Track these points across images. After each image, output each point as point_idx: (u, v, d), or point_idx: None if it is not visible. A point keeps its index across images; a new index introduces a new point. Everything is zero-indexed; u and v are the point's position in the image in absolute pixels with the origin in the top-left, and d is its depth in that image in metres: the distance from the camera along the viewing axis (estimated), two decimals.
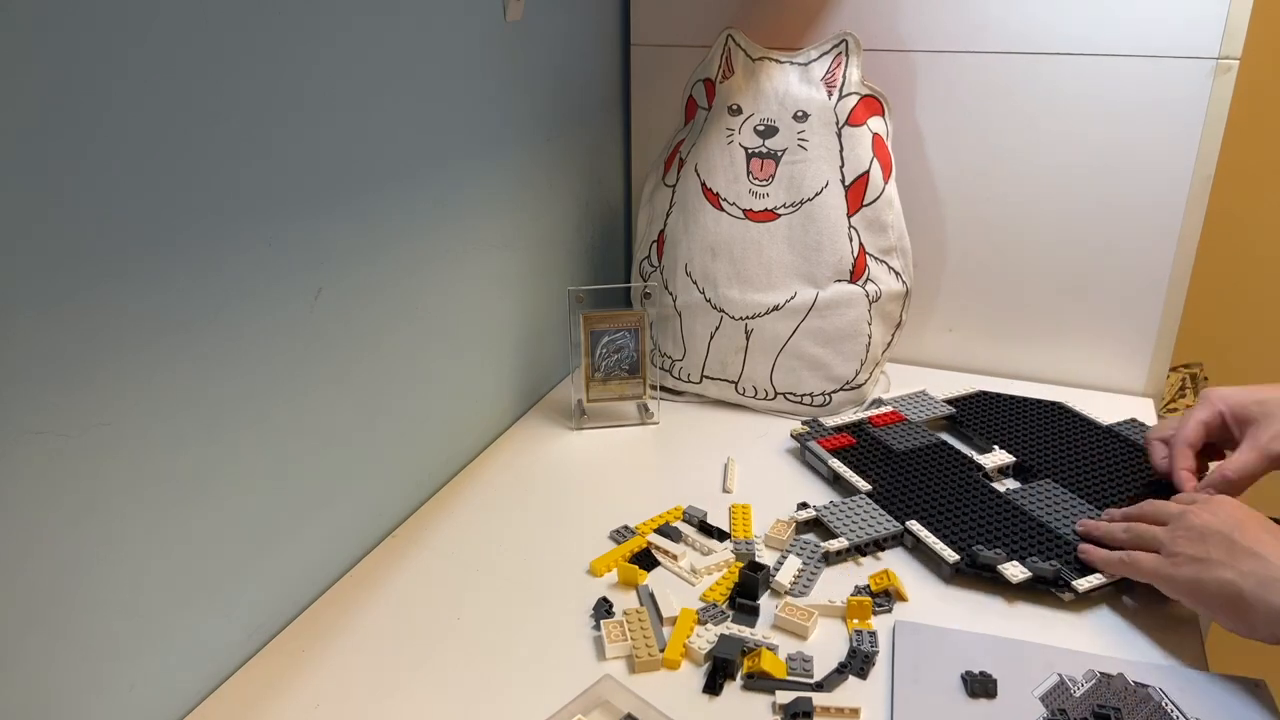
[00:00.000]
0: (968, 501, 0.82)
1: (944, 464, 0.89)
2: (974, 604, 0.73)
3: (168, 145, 0.55)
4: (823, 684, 0.64)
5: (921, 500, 0.83)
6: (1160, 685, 0.63)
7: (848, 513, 0.82)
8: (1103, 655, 0.66)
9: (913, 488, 0.85)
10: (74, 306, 0.51)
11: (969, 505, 0.82)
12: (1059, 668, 0.65)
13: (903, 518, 0.80)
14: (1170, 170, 0.98)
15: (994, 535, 0.78)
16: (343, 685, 0.65)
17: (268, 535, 0.68)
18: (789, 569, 0.75)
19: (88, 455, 0.53)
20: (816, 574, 0.76)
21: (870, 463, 0.89)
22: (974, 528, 0.79)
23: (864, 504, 0.83)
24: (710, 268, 1.02)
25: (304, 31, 0.65)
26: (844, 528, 0.79)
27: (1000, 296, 1.10)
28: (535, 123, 0.99)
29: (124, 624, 0.57)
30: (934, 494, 0.84)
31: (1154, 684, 0.63)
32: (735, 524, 0.83)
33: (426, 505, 0.87)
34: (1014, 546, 0.76)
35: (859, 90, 1.00)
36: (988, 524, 0.79)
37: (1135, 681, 0.63)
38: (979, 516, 0.80)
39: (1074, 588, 0.71)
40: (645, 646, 0.67)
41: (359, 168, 0.73)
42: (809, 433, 0.95)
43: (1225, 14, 0.92)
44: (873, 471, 0.88)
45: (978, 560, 0.74)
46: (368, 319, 0.76)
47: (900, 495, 0.84)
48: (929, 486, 0.85)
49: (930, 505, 0.82)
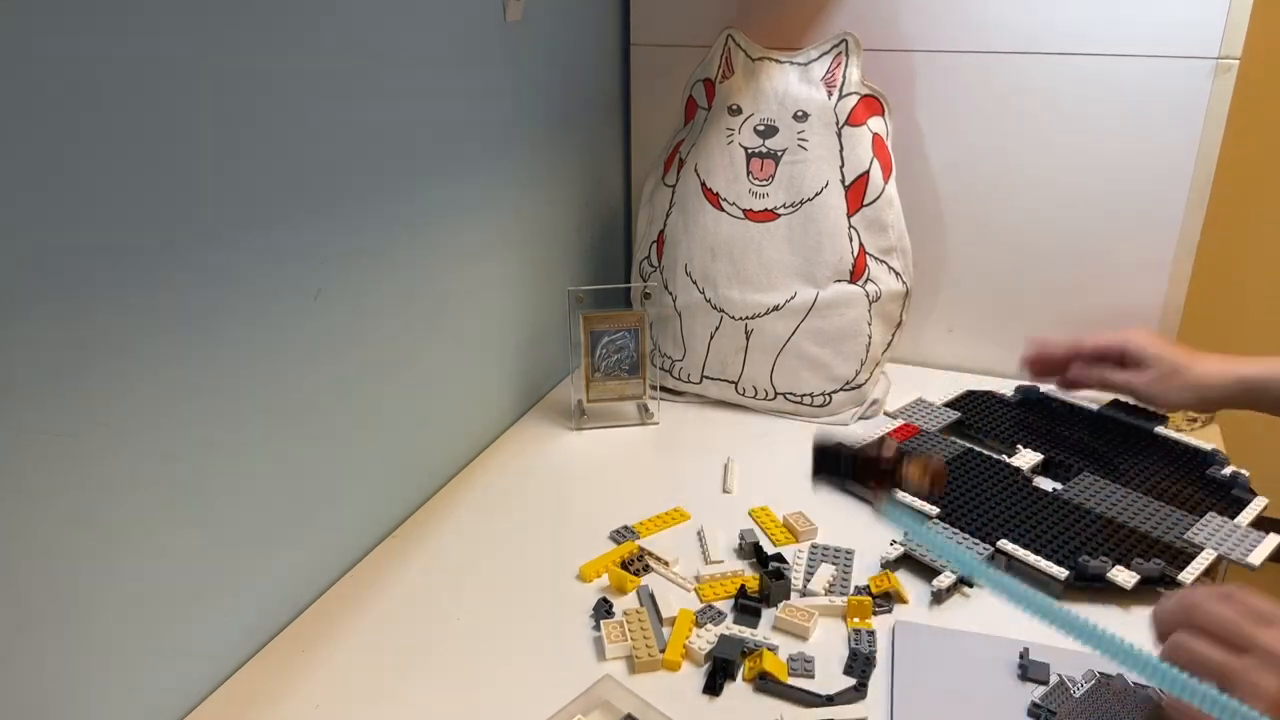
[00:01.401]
0: (1035, 510, 0.81)
1: (986, 472, 0.87)
2: (978, 602, 0.73)
3: (167, 145, 0.55)
4: (834, 698, 0.63)
5: (995, 516, 0.81)
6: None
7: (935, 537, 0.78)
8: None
9: (977, 504, 0.83)
10: (74, 307, 0.51)
11: (1039, 513, 0.80)
12: (1059, 668, 0.65)
13: (988, 538, 0.77)
14: (1170, 170, 0.98)
15: (1081, 542, 0.77)
16: (343, 685, 0.65)
17: (268, 535, 0.68)
18: (821, 576, 0.74)
19: (87, 455, 0.53)
20: (849, 580, 0.75)
21: None
22: (1059, 537, 0.77)
23: (943, 531, 0.79)
24: (710, 268, 1.02)
25: (304, 31, 0.65)
26: (940, 561, 0.75)
27: (1000, 296, 1.10)
28: (535, 123, 0.99)
29: (124, 624, 0.57)
30: (999, 507, 0.82)
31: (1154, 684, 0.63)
32: (773, 534, 0.81)
33: (426, 505, 0.87)
34: (1101, 550, 0.75)
35: (859, 90, 1.00)
36: (1069, 531, 0.78)
37: (1135, 682, 0.63)
38: (1056, 524, 0.79)
39: (1179, 582, 0.72)
40: (645, 646, 0.67)
41: (359, 168, 0.73)
42: None
43: (1225, 14, 0.92)
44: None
45: (1088, 572, 0.72)
46: (367, 319, 0.76)
47: (970, 514, 0.81)
48: (988, 499, 0.83)
49: (1004, 520, 0.80)
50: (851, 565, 0.77)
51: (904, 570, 0.77)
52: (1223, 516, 0.80)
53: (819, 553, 0.78)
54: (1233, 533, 0.78)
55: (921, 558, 0.76)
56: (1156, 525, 0.79)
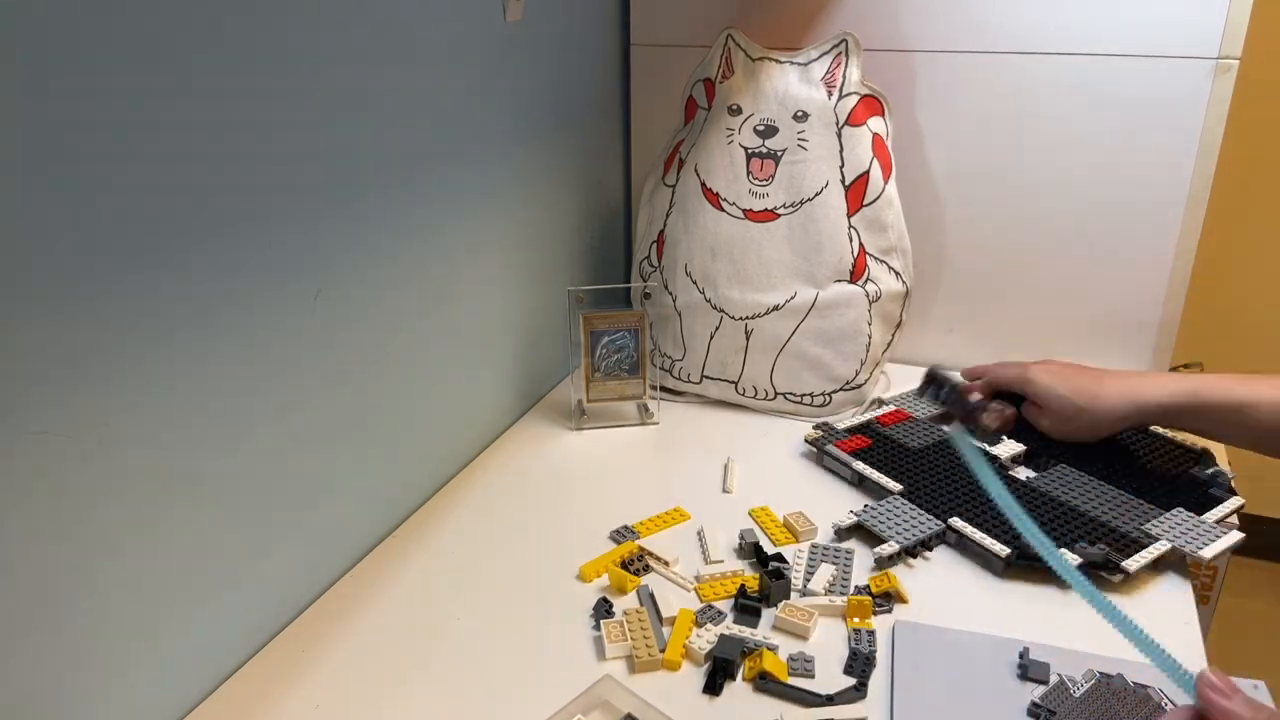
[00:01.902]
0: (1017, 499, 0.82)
1: (960, 457, 0.88)
2: (978, 602, 0.73)
3: (167, 146, 0.55)
4: (834, 698, 0.63)
5: (954, 496, 0.83)
6: (1160, 686, 0.63)
7: (888, 516, 0.81)
8: (1102, 655, 0.66)
9: (941, 484, 0.85)
10: (74, 307, 0.51)
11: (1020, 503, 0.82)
12: (1059, 668, 0.65)
13: (942, 515, 0.80)
14: (1170, 170, 0.98)
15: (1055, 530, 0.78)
16: (343, 685, 0.65)
17: (268, 535, 0.68)
18: (821, 576, 0.75)
19: (88, 455, 0.53)
20: (849, 580, 0.75)
21: (892, 463, 0.89)
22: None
23: (901, 505, 0.82)
24: (710, 268, 1.02)
25: (303, 31, 0.65)
26: (890, 531, 0.79)
27: (1000, 296, 1.10)
28: (535, 123, 0.99)
29: (124, 624, 0.57)
30: (964, 489, 0.84)
31: (1154, 684, 0.63)
32: (773, 534, 0.82)
33: (426, 505, 0.87)
34: (1055, 535, 0.77)
35: (859, 90, 1.00)
36: (1051, 524, 0.79)
37: (1135, 682, 0.63)
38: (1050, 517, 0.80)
39: (1124, 569, 0.72)
40: (645, 646, 0.67)
41: (358, 168, 0.73)
42: (824, 437, 0.94)
43: (1225, 14, 0.92)
44: (897, 471, 0.87)
45: (1028, 553, 0.74)
46: (367, 319, 0.76)
47: (932, 493, 0.84)
48: (957, 482, 0.86)
49: (964, 500, 0.82)
50: (851, 565, 0.77)
51: (856, 539, 0.80)
52: (1189, 512, 0.80)
53: (819, 552, 0.78)
54: (1195, 527, 0.78)
55: (873, 528, 0.80)
56: (1118, 516, 0.80)
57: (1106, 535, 0.77)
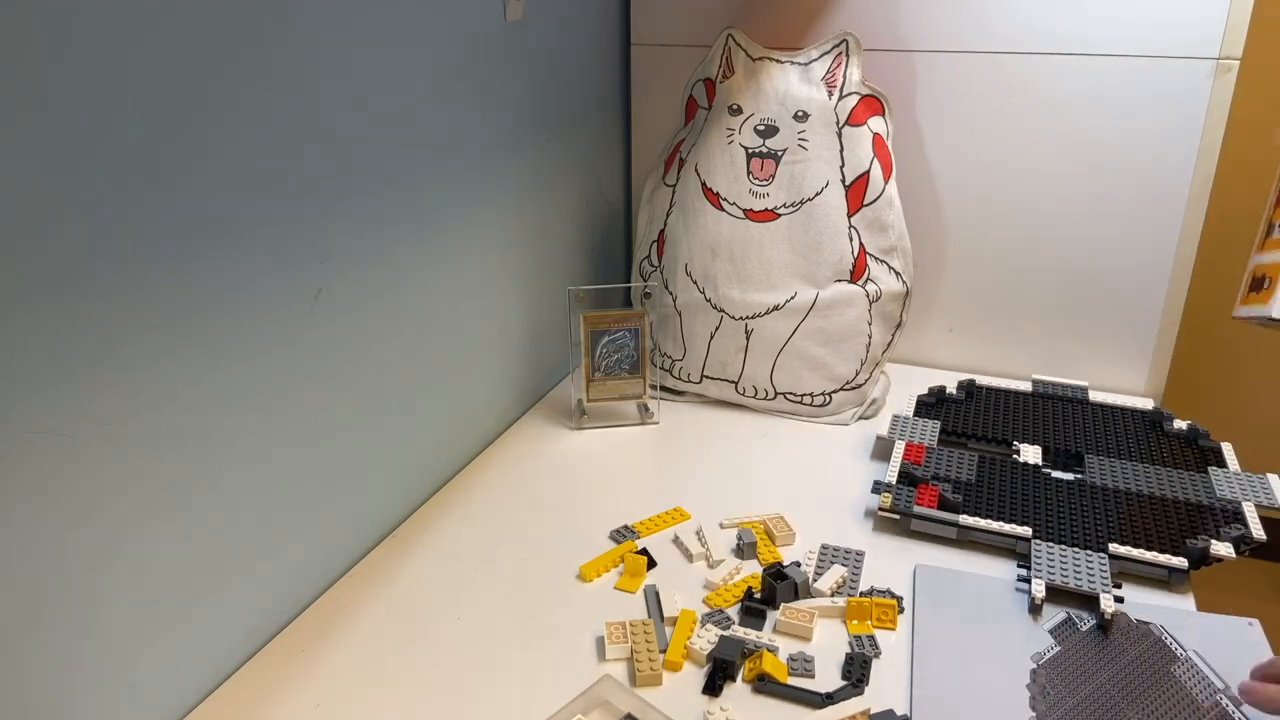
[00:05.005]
0: (1097, 505, 0.82)
1: (1022, 478, 0.85)
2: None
3: (168, 146, 0.55)
4: (833, 696, 0.63)
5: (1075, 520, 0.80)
6: (1161, 622, 0.69)
7: (1058, 564, 0.75)
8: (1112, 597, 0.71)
9: (1048, 514, 0.81)
10: (74, 307, 0.51)
11: (1103, 508, 0.81)
12: (1068, 607, 0.72)
13: (1093, 545, 0.77)
14: (1170, 170, 0.98)
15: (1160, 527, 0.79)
16: (343, 685, 0.65)
17: (268, 535, 0.68)
18: (830, 576, 0.74)
19: (88, 455, 0.53)
20: (858, 580, 0.75)
21: (983, 504, 0.82)
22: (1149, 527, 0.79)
23: (1052, 550, 0.76)
24: (710, 267, 1.02)
25: (303, 31, 0.65)
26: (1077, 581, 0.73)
27: (1001, 296, 1.10)
28: (535, 123, 0.99)
29: (124, 624, 0.57)
30: (1072, 512, 0.81)
31: (1155, 621, 0.69)
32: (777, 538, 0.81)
33: (427, 505, 0.87)
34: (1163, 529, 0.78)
35: (859, 90, 1.00)
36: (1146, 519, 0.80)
37: (1137, 619, 0.70)
38: (1132, 515, 0.81)
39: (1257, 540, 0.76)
40: (648, 659, 0.66)
41: (359, 168, 0.73)
42: (901, 498, 0.82)
43: (1225, 14, 0.92)
44: (995, 512, 0.81)
45: (1209, 557, 0.75)
46: (368, 319, 0.76)
47: (1055, 525, 0.79)
48: (1053, 506, 0.82)
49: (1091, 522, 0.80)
50: (861, 566, 0.77)
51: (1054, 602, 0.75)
52: (1218, 468, 0.85)
53: (829, 553, 0.78)
54: (1251, 481, 0.83)
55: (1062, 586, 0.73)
56: (1179, 490, 0.83)
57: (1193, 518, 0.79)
